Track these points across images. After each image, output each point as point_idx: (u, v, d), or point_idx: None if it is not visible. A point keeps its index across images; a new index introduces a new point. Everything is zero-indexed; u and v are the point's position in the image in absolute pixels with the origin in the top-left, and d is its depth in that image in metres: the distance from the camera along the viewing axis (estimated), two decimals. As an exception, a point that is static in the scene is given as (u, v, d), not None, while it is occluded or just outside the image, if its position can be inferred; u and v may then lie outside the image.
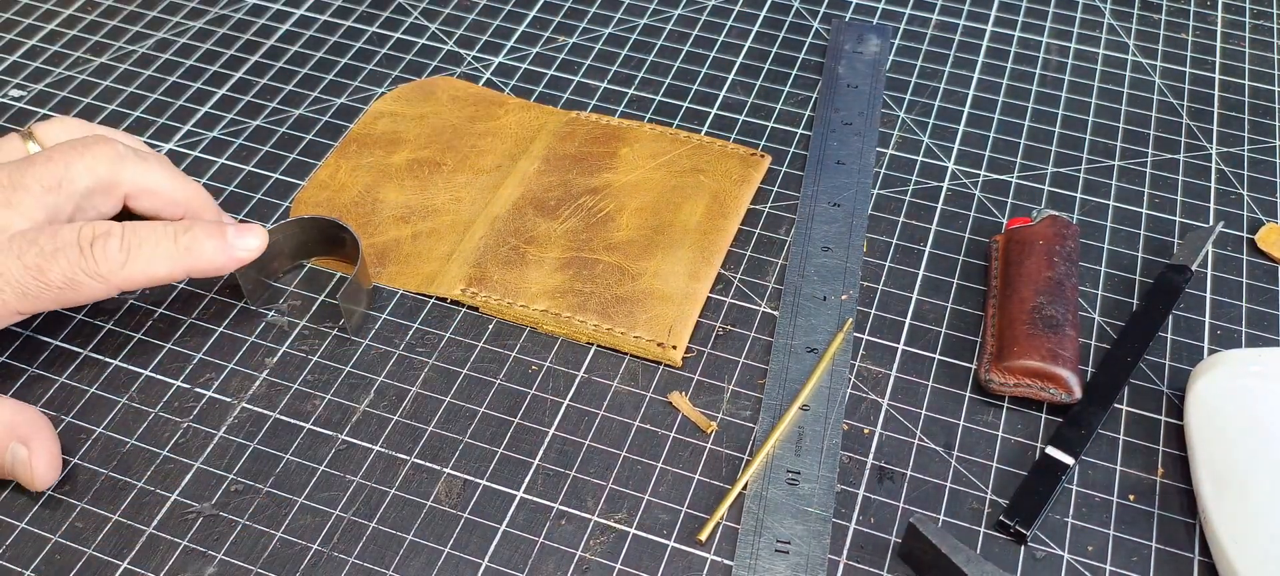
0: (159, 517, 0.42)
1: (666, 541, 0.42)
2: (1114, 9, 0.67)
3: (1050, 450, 0.44)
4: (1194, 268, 0.51)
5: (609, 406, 0.46)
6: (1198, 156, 0.58)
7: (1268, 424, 0.43)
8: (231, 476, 0.43)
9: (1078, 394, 0.45)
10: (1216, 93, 0.62)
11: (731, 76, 0.62)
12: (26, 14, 0.65)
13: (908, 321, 0.49)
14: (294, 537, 0.41)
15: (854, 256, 0.52)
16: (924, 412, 0.46)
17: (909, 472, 0.44)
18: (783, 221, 0.54)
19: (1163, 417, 0.46)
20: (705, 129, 0.58)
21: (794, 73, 0.62)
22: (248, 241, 0.45)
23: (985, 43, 0.65)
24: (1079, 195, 0.56)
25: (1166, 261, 0.52)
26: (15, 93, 0.60)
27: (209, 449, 0.44)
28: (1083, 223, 0.54)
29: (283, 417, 0.45)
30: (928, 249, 0.53)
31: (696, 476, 0.44)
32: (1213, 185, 0.56)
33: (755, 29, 0.65)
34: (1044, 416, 0.46)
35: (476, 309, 0.49)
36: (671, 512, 0.43)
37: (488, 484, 0.43)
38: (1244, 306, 0.51)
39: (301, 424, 0.45)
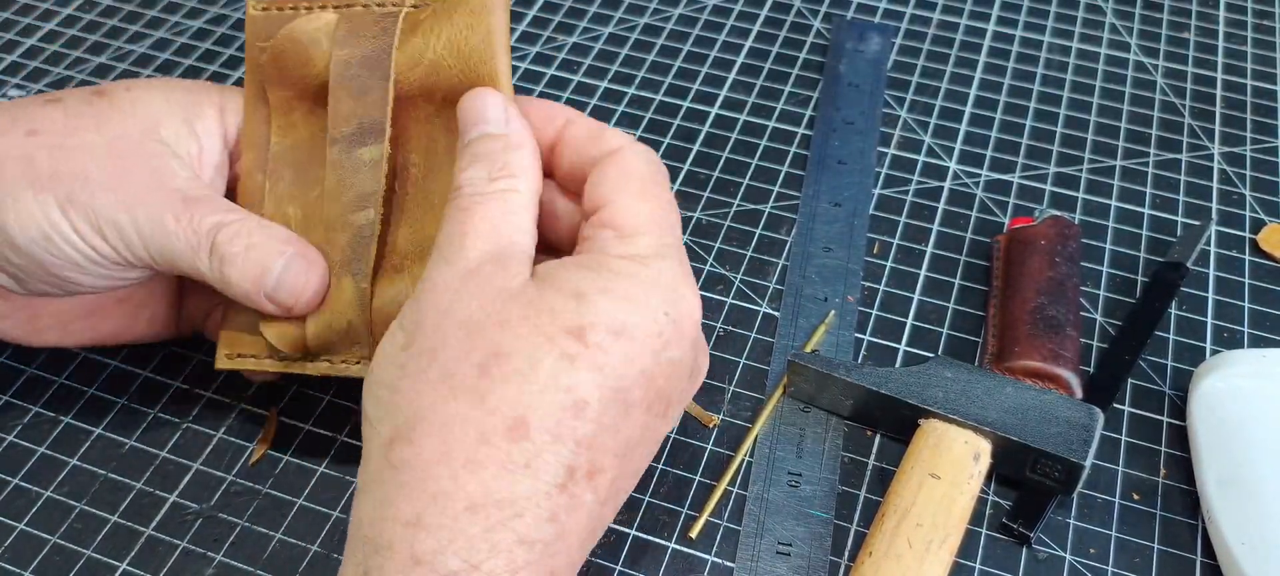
0: (158, 518, 0.42)
1: (667, 542, 0.42)
2: (1116, 8, 0.67)
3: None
4: (1190, 265, 0.51)
5: (609, 407, 0.46)
6: (1200, 156, 0.58)
7: (1272, 424, 0.42)
8: (231, 477, 0.43)
9: (1079, 395, 0.45)
10: (1219, 92, 0.62)
11: (732, 76, 0.62)
12: (26, 13, 0.65)
13: (909, 322, 0.49)
14: (294, 538, 0.41)
15: (855, 257, 0.51)
16: (925, 413, 0.46)
17: (910, 473, 0.44)
18: (784, 222, 0.54)
19: (1165, 419, 0.46)
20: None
21: (794, 72, 0.62)
22: (292, 282, 0.38)
23: (987, 42, 0.64)
24: (1081, 195, 0.55)
25: (1162, 260, 0.52)
26: (14, 92, 0.60)
27: (208, 449, 0.44)
28: (1085, 223, 0.54)
29: (282, 419, 0.45)
30: (929, 249, 0.53)
31: (697, 477, 0.43)
32: (1215, 185, 0.56)
33: (755, 29, 0.65)
34: (1046, 417, 0.46)
35: None
36: (671, 513, 0.42)
37: (488, 485, 0.43)
38: (1246, 307, 0.50)
39: (301, 425, 0.45)
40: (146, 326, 0.44)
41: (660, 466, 0.44)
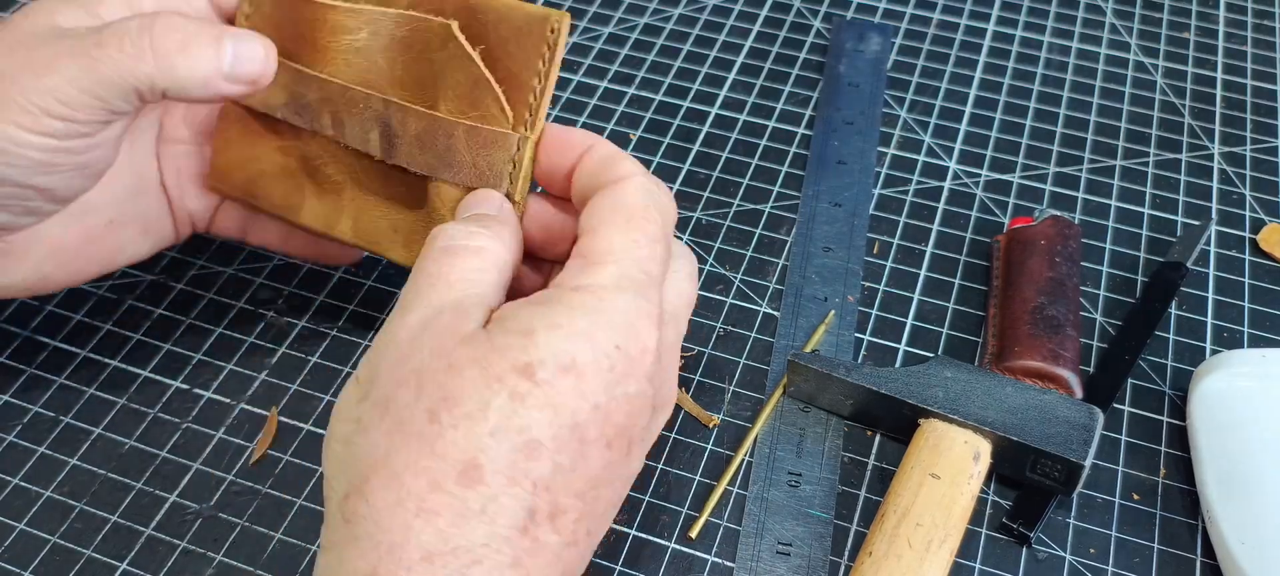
0: (158, 518, 0.42)
1: (667, 542, 0.42)
2: (1116, 8, 0.67)
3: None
4: (1190, 265, 0.51)
5: (609, 407, 0.46)
6: (1200, 156, 0.58)
7: (1272, 424, 0.42)
8: (231, 477, 0.43)
9: (1079, 395, 0.45)
10: (1219, 92, 0.62)
11: (731, 76, 0.62)
12: (26, 14, 0.65)
13: (909, 322, 0.49)
14: (294, 538, 0.41)
15: (855, 257, 0.51)
16: (925, 413, 0.46)
17: (910, 473, 0.44)
18: (784, 221, 0.54)
19: (1165, 418, 0.46)
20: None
21: (794, 72, 0.62)
22: (248, 52, 0.38)
23: (987, 42, 0.64)
24: (1081, 195, 0.55)
25: (1162, 260, 0.52)
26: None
27: (208, 449, 0.44)
28: (1084, 222, 0.54)
29: (282, 418, 0.45)
30: (929, 249, 0.53)
31: (697, 477, 0.43)
32: (1215, 185, 0.56)
33: (755, 29, 0.65)
34: (1046, 417, 0.46)
35: None
36: (672, 513, 0.42)
37: (488, 485, 0.43)
38: (1246, 306, 0.50)
39: (300, 425, 0.45)
40: (144, 240, 0.44)
41: (660, 466, 0.44)
